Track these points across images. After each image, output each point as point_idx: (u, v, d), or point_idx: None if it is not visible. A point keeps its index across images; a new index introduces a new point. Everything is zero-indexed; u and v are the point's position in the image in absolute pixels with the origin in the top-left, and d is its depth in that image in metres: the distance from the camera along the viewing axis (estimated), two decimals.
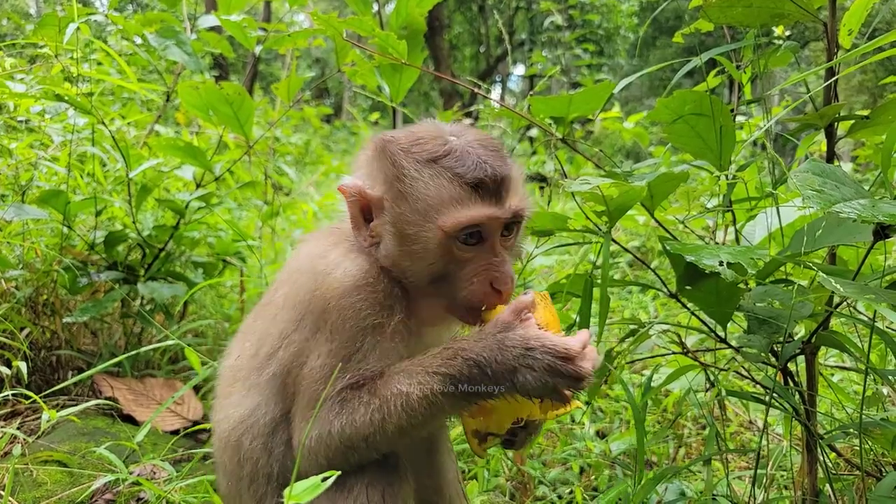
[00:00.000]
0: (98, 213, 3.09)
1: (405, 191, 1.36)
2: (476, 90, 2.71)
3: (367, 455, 1.37)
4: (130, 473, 2.11)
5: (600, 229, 1.79)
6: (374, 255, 1.44)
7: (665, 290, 1.90)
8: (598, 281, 1.73)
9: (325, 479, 0.79)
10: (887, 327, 2.04)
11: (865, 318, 1.87)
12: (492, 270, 1.38)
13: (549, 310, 1.39)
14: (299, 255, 1.54)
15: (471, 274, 1.38)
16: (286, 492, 0.79)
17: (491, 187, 1.35)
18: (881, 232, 1.47)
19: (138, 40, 3.49)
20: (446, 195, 1.34)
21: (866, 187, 1.49)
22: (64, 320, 2.92)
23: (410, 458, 1.51)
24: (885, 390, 2.25)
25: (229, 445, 1.49)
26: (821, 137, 1.91)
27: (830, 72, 1.77)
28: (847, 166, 5.06)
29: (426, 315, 1.50)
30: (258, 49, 2.97)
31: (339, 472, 1.04)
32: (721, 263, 1.45)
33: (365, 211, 1.45)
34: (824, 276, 1.31)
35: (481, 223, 1.35)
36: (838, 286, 1.27)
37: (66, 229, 2.96)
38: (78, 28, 2.65)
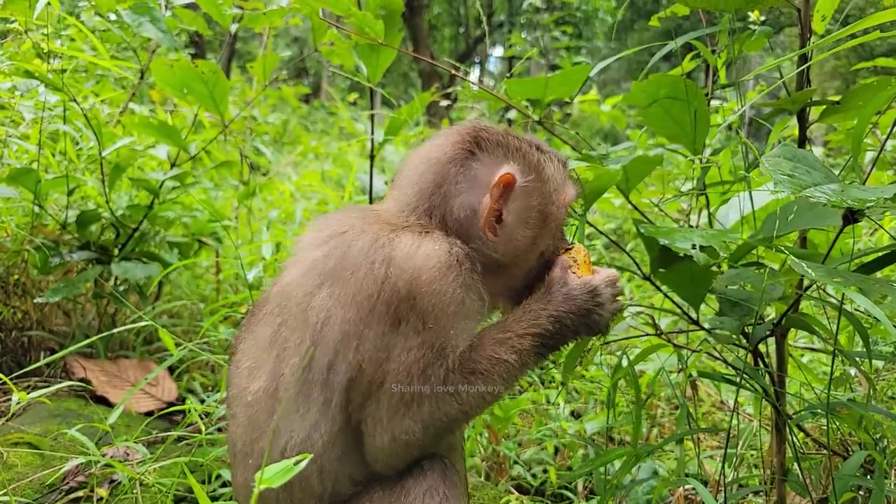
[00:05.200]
0: (70, 193, 3.04)
1: (546, 174, 1.48)
2: (454, 72, 2.70)
3: (451, 434, 1.41)
4: (103, 455, 2.09)
5: (576, 212, 1.80)
6: (454, 239, 1.40)
7: (639, 272, 1.92)
8: None
9: (296, 463, 0.78)
10: (855, 309, 2.08)
11: (834, 301, 1.91)
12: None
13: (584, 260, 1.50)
14: (340, 250, 1.37)
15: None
16: (256, 476, 0.78)
17: (570, 172, 1.57)
18: (850, 216, 1.49)
19: (112, 16, 3.42)
20: (562, 177, 1.52)
21: (837, 171, 1.51)
22: (35, 301, 2.88)
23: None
24: (852, 371, 2.30)
25: None
26: (794, 122, 1.93)
27: (804, 57, 1.79)
28: (819, 150, 5.12)
29: (492, 298, 1.54)
30: (234, 27, 2.92)
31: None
32: (694, 246, 1.47)
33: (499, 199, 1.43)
34: (794, 259, 1.33)
35: (575, 200, 1.56)
36: (808, 270, 1.29)
37: (37, 208, 2.91)
38: (48, 3, 2.59)
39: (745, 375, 1.73)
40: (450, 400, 1.32)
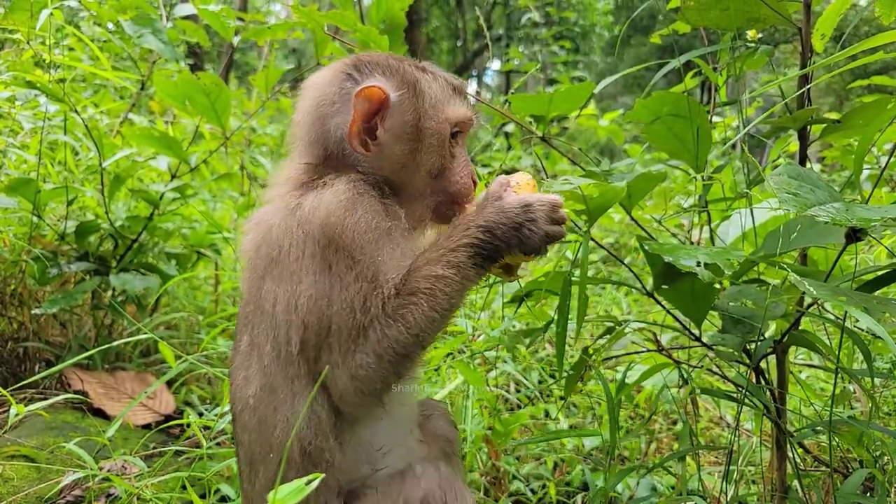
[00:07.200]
0: (69, 203, 3.03)
1: (421, 89, 1.52)
2: None
3: (417, 360, 1.39)
4: (100, 469, 2.08)
5: (579, 228, 1.80)
6: (351, 175, 1.45)
7: (641, 288, 1.92)
8: (576, 279, 1.74)
9: (308, 483, 0.77)
10: (855, 326, 2.09)
11: (833, 318, 1.91)
12: (468, 165, 1.61)
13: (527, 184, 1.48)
14: (264, 236, 1.43)
15: (458, 168, 1.58)
16: (269, 496, 0.77)
17: (465, 96, 1.62)
18: (853, 235, 1.50)
19: (111, 27, 3.43)
20: (445, 95, 1.56)
21: (836, 189, 1.52)
22: (32, 312, 2.87)
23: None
24: (851, 387, 2.30)
25: (302, 462, 1.40)
26: (792, 139, 1.94)
27: (804, 76, 1.80)
28: (816, 167, 5.15)
29: (412, 220, 1.56)
30: (236, 40, 2.93)
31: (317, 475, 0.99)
32: (698, 264, 1.47)
33: (372, 115, 1.48)
34: (797, 277, 1.33)
35: (466, 120, 1.58)
36: (811, 288, 1.30)
37: (35, 219, 2.90)
38: (51, 13, 2.59)
39: (747, 393, 1.73)
40: (395, 325, 1.33)
